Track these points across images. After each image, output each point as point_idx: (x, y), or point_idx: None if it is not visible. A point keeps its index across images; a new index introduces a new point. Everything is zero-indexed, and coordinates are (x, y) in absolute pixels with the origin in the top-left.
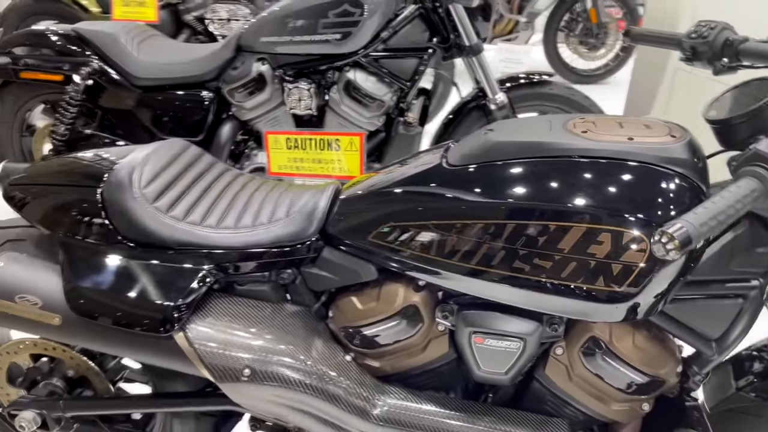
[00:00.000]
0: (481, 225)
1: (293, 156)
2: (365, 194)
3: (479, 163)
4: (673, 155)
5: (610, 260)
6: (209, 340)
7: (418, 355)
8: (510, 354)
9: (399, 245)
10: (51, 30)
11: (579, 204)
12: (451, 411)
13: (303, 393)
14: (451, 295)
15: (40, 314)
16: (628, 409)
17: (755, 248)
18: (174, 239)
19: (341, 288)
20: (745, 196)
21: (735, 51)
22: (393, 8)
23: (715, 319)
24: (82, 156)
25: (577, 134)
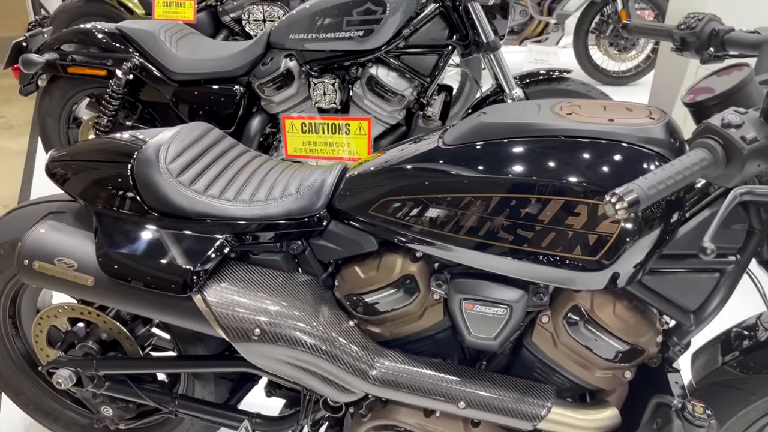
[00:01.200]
0: (470, 198)
1: (307, 139)
2: (369, 172)
3: (471, 142)
4: (651, 135)
5: (587, 231)
6: (224, 302)
7: (415, 322)
8: (497, 320)
9: (397, 218)
10: (96, 28)
11: (558, 179)
12: (444, 374)
13: (308, 353)
14: (445, 266)
15: (75, 275)
16: (611, 376)
17: (731, 225)
18: (194, 210)
19: (346, 259)
20: (693, 164)
21: (721, 41)
22: (414, 7)
23: (693, 291)
24: (117, 136)
25: (562, 116)
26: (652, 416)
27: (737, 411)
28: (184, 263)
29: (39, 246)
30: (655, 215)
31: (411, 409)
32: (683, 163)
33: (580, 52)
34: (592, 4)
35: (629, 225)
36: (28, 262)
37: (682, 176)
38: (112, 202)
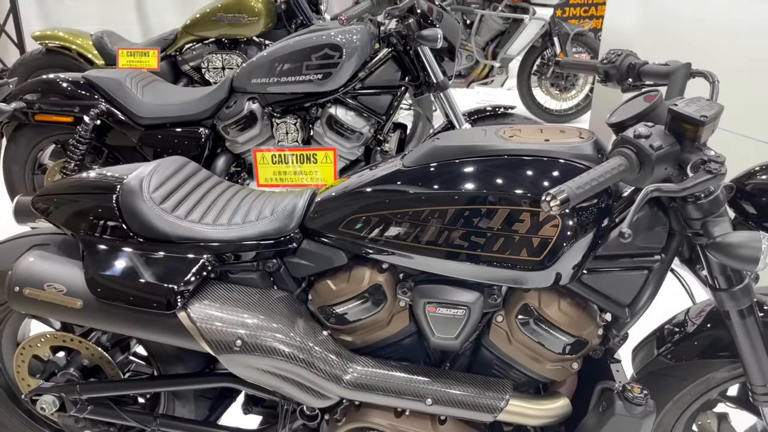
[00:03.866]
0: (428, 212)
1: (278, 169)
2: (337, 195)
3: (427, 164)
4: (581, 152)
5: (530, 235)
6: (206, 317)
7: (383, 328)
8: (457, 320)
9: (365, 233)
10: (61, 78)
11: (503, 191)
12: (412, 375)
13: (286, 362)
14: (408, 275)
15: (64, 299)
16: (561, 368)
17: (654, 227)
18: (177, 234)
19: (318, 274)
20: (612, 168)
21: (637, 72)
22: (368, 51)
23: (626, 287)
24: (92, 173)
25: (505, 138)
26: (597, 401)
27: (673, 395)
28: (169, 283)
29: (28, 273)
30: (588, 220)
31: (382, 411)
32: (604, 168)
33: (524, 93)
34: (533, 48)
35: (567, 229)
36: (18, 288)
37: (604, 178)
38: (98, 230)
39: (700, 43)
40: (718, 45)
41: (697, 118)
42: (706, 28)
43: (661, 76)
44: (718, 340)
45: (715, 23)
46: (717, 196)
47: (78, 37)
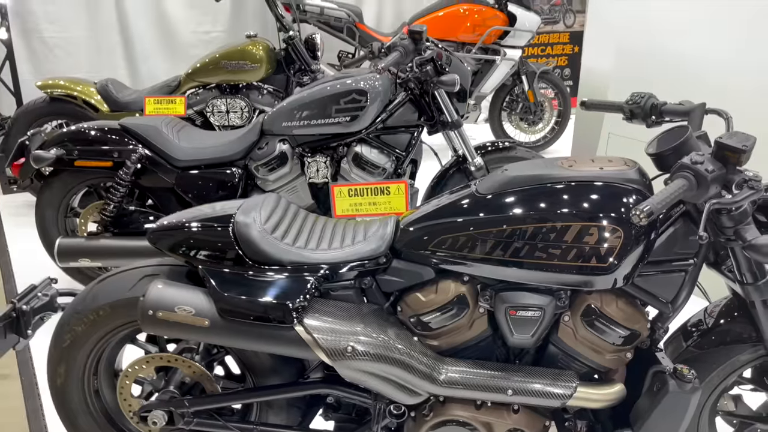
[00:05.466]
0: (509, 230)
1: (354, 201)
2: (421, 217)
3: (503, 191)
4: (630, 177)
5: (598, 245)
6: (321, 329)
7: (465, 332)
8: (534, 321)
9: (450, 251)
10: (99, 125)
11: (573, 210)
12: (493, 371)
13: (386, 364)
14: (487, 285)
15: (194, 320)
16: (617, 358)
17: (688, 237)
18: (288, 259)
19: (404, 289)
20: (679, 188)
21: (659, 111)
22: (389, 95)
23: (669, 287)
24: (203, 209)
25: (565, 168)
26: (651, 383)
27: (704, 378)
28: (285, 300)
29: (160, 298)
30: (641, 233)
31: (464, 404)
32: (673, 188)
33: (496, 127)
34: (503, 87)
35: (628, 240)
36: (152, 312)
37: (674, 195)
38: (216, 258)
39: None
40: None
41: (740, 147)
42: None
43: (682, 113)
44: (738, 329)
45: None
46: (745, 209)
47: (79, 84)
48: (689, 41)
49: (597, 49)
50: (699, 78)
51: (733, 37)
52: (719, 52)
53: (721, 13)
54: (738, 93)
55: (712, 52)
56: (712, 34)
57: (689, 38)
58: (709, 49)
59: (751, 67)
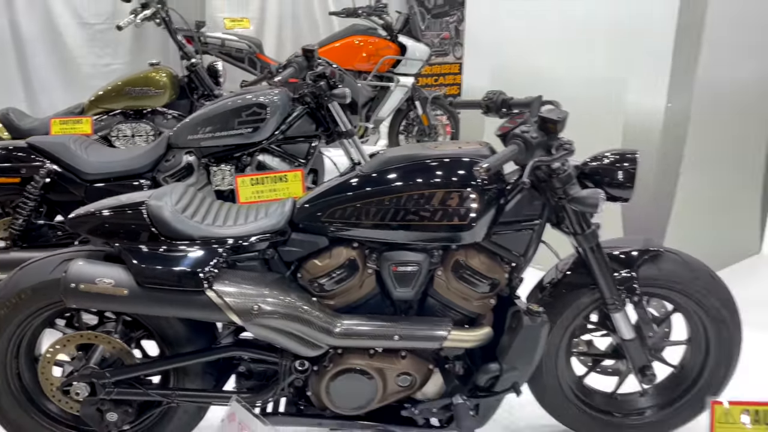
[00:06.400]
0: (387, 199)
1: (256, 189)
2: (316, 196)
3: (381, 168)
4: (482, 153)
5: (459, 207)
6: (230, 293)
7: (357, 291)
8: (413, 275)
9: (340, 220)
10: (2, 146)
11: (437, 180)
12: (382, 322)
13: (290, 320)
14: (374, 249)
15: (113, 290)
16: (483, 304)
17: (533, 201)
18: (199, 234)
19: (303, 257)
20: (511, 150)
21: (508, 104)
22: (288, 108)
23: (520, 243)
24: (113, 199)
25: (431, 149)
26: (510, 322)
27: (556, 320)
28: (196, 268)
29: (81, 272)
30: (493, 197)
31: (360, 353)
32: (506, 150)
33: None
34: (399, 111)
35: (482, 202)
36: (74, 285)
37: (508, 157)
38: (133, 236)
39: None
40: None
41: (557, 119)
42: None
43: (525, 105)
44: (580, 278)
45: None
46: (569, 172)
47: None
48: (547, 58)
49: (475, 69)
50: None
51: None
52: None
53: (569, 34)
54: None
55: (564, 66)
56: (562, 51)
57: (547, 55)
58: (562, 64)
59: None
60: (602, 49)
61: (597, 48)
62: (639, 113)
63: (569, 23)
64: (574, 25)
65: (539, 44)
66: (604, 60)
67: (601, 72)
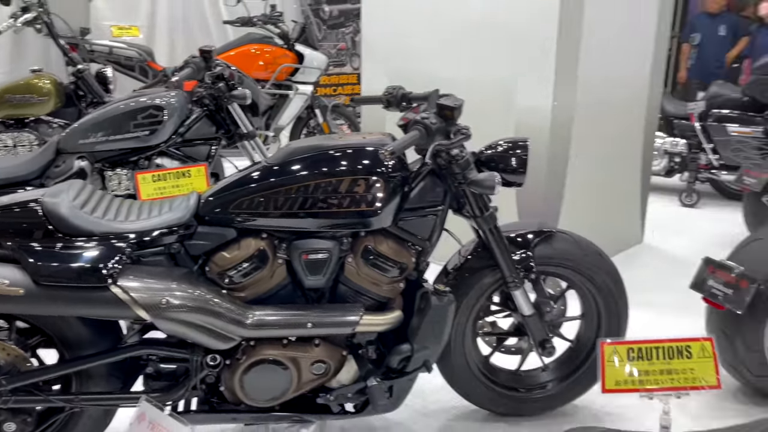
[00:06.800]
0: (295, 188)
1: (158, 186)
2: (222, 188)
3: (288, 159)
4: (385, 142)
5: (366, 193)
6: (137, 288)
7: (268, 282)
8: (323, 262)
9: (248, 211)
10: None
11: (344, 168)
12: (294, 311)
13: (200, 313)
14: (283, 238)
15: (8, 290)
16: (392, 288)
17: (435, 188)
18: (99, 230)
19: (210, 251)
20: (413, 135)
21: (407, 99)
22: (185, 110)
23: (424, 228)
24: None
25: (337, 139)
26: (419, 303)
27: (462, 301)
28: (99, 264)
29: None
30: (398, 184)
31: (273, 344)
32: (409, 136)
33: None
34: (299, 119)
35: (388, 188)
36: None
37: (410, 141)
38: (28, 235)
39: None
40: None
41: (454, 105)
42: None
43: (423, 98)
44: (481, 260)
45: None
46: (467, 158)
47: None
48: (440, 61)
49: (373, 74)
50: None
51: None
52: (462, 68)
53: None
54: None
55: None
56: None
57: (440, 58)
58: (455, 66)
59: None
60: (492, 50)
61: (488, 50)
62: (529, 112)
63: (461, 26)
64: (466, 28)
65: (433, 48)
66: (495, 61)
67: (492, 73)
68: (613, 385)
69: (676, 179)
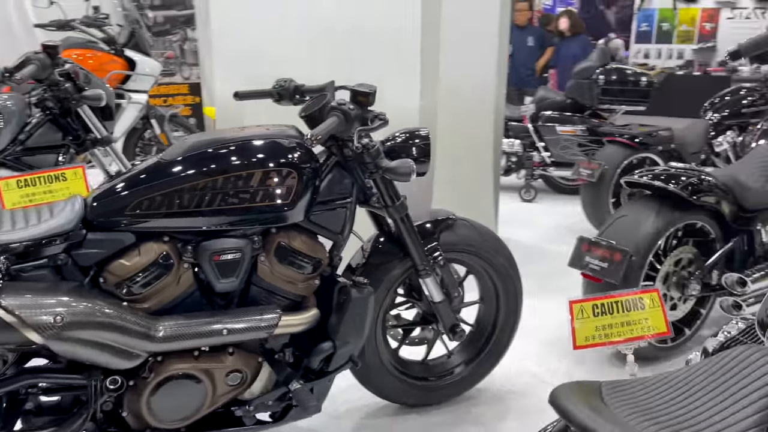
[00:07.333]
0: (201, 184)
1: (26, 192)
2: (112, 189)
3: (187, 154)
4: (291, 134)
5: (279, 186)
6: (24, 306)
7: (173, 289)
8: (236, 263)
9: (147, 212)
10: None
11: (254, 161)
12: (206, 318)
13: (100, 329)
14: (188, 240)
15: None
16: (308, 285)
17: (343, 180)
18: None
19: (104, 260)
20: (333, 121)
21: (301, 91)
22: (24, 116)
23: (336, 221)
24: None
25: (238, 132)
26: (338, 297)
27: (376, 289)
28: None
29: None
30: (311, 176)
31: (183, 357)
32: (329, 122)
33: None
34: (134, 131)
35: (301, 181)
36: None
37: (333, 127)
38: None
39: None
40: None
41: (368, 91)
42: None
43: (318, 90)
44: (387, 253)
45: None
46: (378, 147)
47: None
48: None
49: (226, 79)
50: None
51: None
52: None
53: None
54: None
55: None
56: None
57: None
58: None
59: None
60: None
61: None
62: (398, 111)
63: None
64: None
65: (297, 51)
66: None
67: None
68: (583, 341)
69: (513, 178)
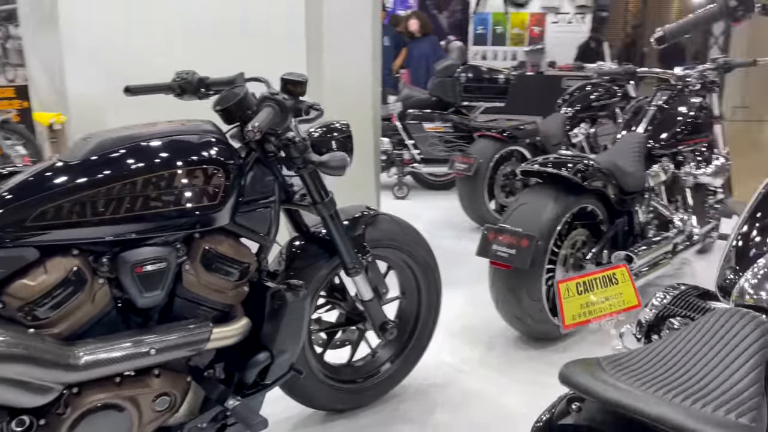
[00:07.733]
0: (117, 188)
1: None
2: (6, 199)
3: (94, 155)
4: (209, 128)
5: (206, 185)
6: None
7: (87, 309)
8: (161, 274)
9: (53, 223)
10: None
11: (175, 159)
12: (129, 339)
13: (8, 363)
14: (102, 252)
15: None
16: (237, 293)
17: (265, 178)
18: None
19: (3, 280)
20: (270, 112)
21: (206, 84)
22: None
23: (261, 222)
24: None
25: (152, 128)
26: (271, 303)
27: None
28: None
29: None
30: (237, 172)
31: (103, 385)
32: (266, 112)
33: None
34: None
35: (228, 178)
36: None
37: (269, 118)
38: None
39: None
40: None
41: (299, 80)
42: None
43: (226, 83)
44: (312, 252)
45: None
46: (306, 141)
47: None
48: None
49: (82, 77)
50: None
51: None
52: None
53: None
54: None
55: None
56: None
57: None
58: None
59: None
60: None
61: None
62: None
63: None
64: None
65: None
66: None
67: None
68: (571, 320)
69: (384, 176)
